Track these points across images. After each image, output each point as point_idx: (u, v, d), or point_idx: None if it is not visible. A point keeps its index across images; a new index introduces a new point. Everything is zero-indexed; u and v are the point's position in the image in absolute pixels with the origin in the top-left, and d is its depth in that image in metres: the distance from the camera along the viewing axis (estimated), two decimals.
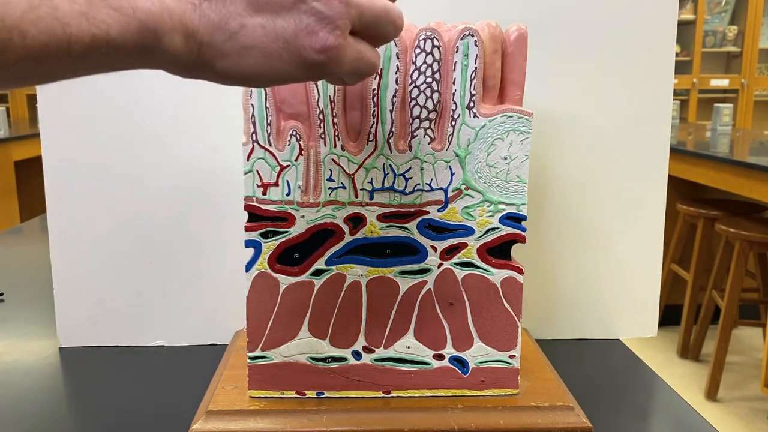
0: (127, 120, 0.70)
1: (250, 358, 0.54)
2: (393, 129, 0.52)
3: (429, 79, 0.51)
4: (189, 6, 0.34)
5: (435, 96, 0.51)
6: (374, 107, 0.51)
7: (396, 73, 0.50)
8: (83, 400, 0.64)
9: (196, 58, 0.35)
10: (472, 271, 0.54)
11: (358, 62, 0.38)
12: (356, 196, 0.53)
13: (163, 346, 0.73)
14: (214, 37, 0.35)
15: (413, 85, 0.51)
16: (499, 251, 0.54)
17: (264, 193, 0.52)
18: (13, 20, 0.29)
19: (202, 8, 0.34)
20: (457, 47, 0.50)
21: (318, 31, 0.36)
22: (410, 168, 0.52)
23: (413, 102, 0.51)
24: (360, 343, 0.55)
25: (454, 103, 0.51)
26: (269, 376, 0.55)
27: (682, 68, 4.12)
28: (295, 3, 0.35)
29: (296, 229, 0.53)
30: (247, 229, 0.52)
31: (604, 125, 0.73)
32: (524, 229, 0.54)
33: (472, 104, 0.51)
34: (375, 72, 0.41)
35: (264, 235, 0.53)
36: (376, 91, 0.51)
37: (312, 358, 0.55)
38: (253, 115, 0.51)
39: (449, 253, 0.54)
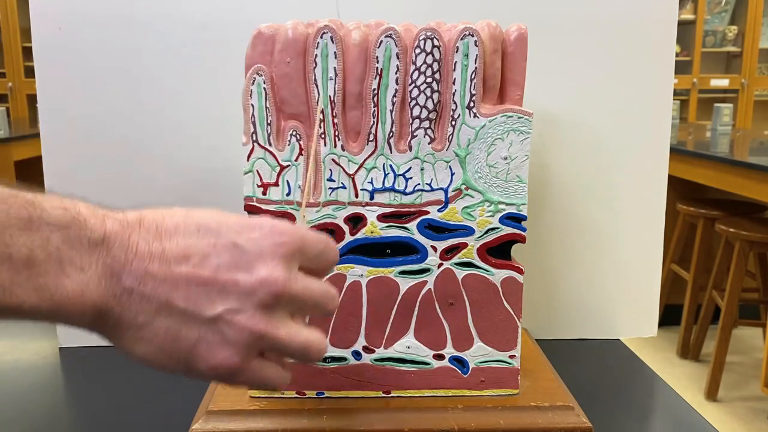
0: (127, 120, 0.70)
1: None
2: (393, 129, 0.52)
3: (429, 79, 0.51)
4: (111, 295, 0.35)
5: (435, 96, 0.51)
6: (374, 107, 0.51)
7: (396, 73, 0.50)
8: (83, 400, 0.64)
9: (99, 331, 0.37)
10: (472, 271, 0.54)
11: (258, 382, 0.39)
12: (356, 196, 0.53)
13: None
14: (119, 324, 0.36)
15: (413, 85, 0.51)
16: (499, 251, 0.54)
17: (264, 193, 0.52)
18: None
19: (121, 299, 0.36)
20: (457, 47, 0.50)
21: (217, 351, 0.37)
22: (410, 168, 0.52)
23: (413, 102, 0.51)
24: (360, 343, 0.55)
25: (454, 103, 0.51)
26: None
27: (682, 68, 4.12)
28: (209, 321, 0.36)
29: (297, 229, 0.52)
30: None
31: (604, 125, 0.73)
32: (524, 229, 0.54)
33: (472, 104, 0.51)
34: (279, 390, 0.44)
35: None
36: (376, 91, 0.51)
37: None
38: (253, 115, 0.51)
39: (449, 253, 0.54)
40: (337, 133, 0.51)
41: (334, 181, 0.52)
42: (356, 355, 0.55)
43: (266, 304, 0.37)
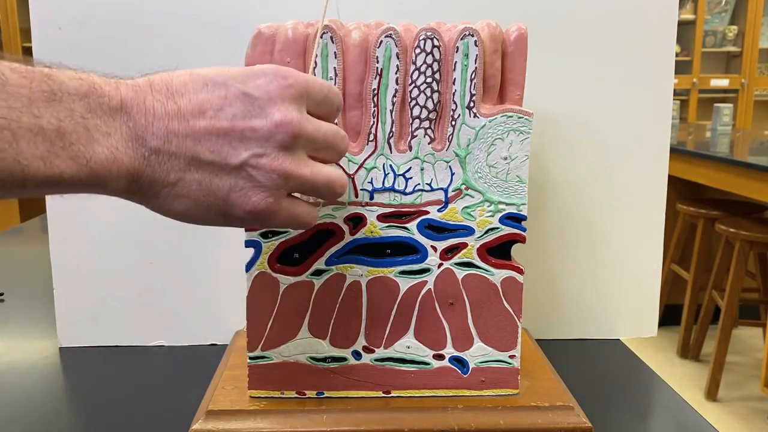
0: None
1: (250, 358, 0.54)
2: (393, 129, 0.52)
3: (429, 79, 0.51)
4: (140, 157, 0.37)
5: (435, 96, 0.51)
6: (374, 107, 0.51)
7: (396, 73, 0.50)
8: (83, 400, 0.64)
9: (135, 196, 0.39)
10: (472, 271, 0.54)
11: (289, 222, 0.41)
12: (356, 196, 0.53)
13: (163, 346, 0.73)
14: (153, 184, 0.38)
15: (413, 85, 0.51)
16: (499, 251, 0.54)
17: None
18: None
19: (150, 160, 0.37)
20: (457, 47, 0.50)
21: (251, 195, 0.39)
22: (410, 168, 0.52)
23: (413, 102, 0.51)
24: (360, 343, 0.55)
25: (454, 103, 0.51)
26: (269, 376, 0.55)
27: (682, 68, 4.12)
28: (236, 168, 0.38)
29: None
30: (247, 228, 0.52)
31: (604, 125, 0.73)
32: (524, 229, 0.54)
33: (472, 104, 0.51)
34: (308, 228, 0.45)
35: (264, 235, 0.53)
36: (376, 91, 0.51)
37: (312, 358, 0.55)
38: None
39: (449, 253, 0.54)
40: None
41: None
42: (356, 355, 0.55)
43: (286, 145, 0.39)
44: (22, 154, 0.33)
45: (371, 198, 0.53)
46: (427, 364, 0.55)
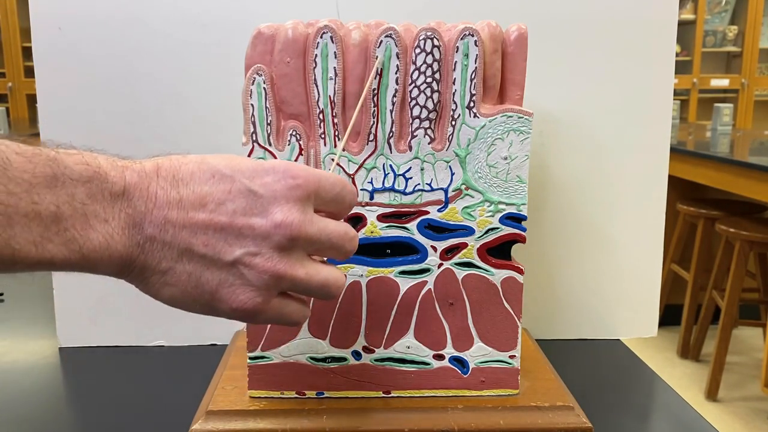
0: (126, 120, 0.70)
1: (250, 358, 0.54)
2: (393, 129, 0.52)
3: (429, 79, 0.51)
4: (134, 244, 0.37)
5: (435, 96, 0.51)
6: (374, 107, 0.51)
7: (396, 73, 0.50)
8: (83, 400, 0.64)
9: (125, 278, 0.39)
10: (472, 271, 0.54)
11: (277, 321, 0.41)
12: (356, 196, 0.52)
13: (163, 346, 0.73)
14: (144, 270, 0.38)
15: (413, 85, 0.51)
16: (499, 251, 0.54)
17: None
18: None
19: (144, 247, 0.37)
20: (457, 47, 0.50)
21: (239, 294, 0.38)
22: (410, 168, 0.52)
23: (413, 102, 0.51)
24: (360, 343, 0.55)
25: (454, 103, 0.51)
26: (269, 376, 0.55)
27: (682, 68, 4.12)
28: (228, 264, 0.38)
29: None
30: None
31: (604, 125, 0.73)
32: (524, 229, 0.54)
33: (472, 104, 0.51)
34: (298, 325, 0.45)
35: None
36: (376, 91, 0.51)
37: (312, 358, 0.55)
38: (253, 115, 0.51)
39: (449, 253, 0.54)
40: (337, 133, 0.51)
41: None
42: (356, 355, 0.55)
43: (282, 246, 0.38)
44: (15, 238, 0.33)
45: (371, 198, 0.53)
46: (427, 364, 0.55)
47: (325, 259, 0.43)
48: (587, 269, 0.75)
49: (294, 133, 0.51)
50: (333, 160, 0.51)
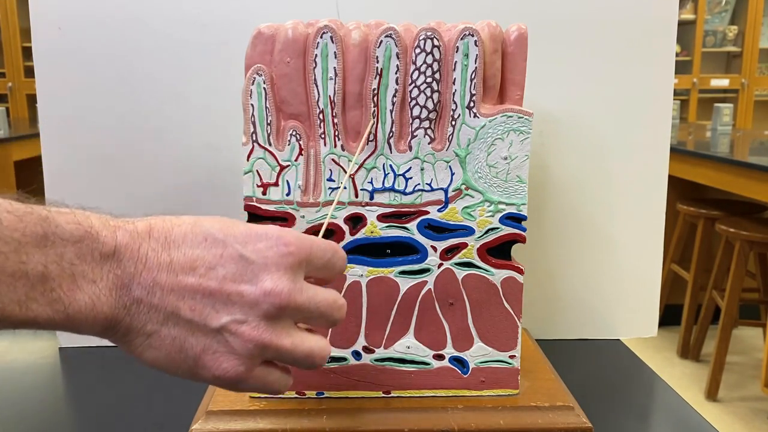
0: (126, 120, 0.70)
1: None
2: (393, 129, 0.52)
3: (429, 79, 0.51)
4: (120, 306, 0.36)
5: (435, 96, 0.51)
6: (374, 107, 0.51)
7: (396, 73, 0.50)
8: (83, 400, 0.64)
9: (109, 338, 0.38)
10: (472, 271, 0.54)
11: (260, 390, 0.41)
12: (356, 196, 0.53)
13: None
14: (129, 331, 0.37)
15: (413, 85, 0.51)
16: (499, 251, 0.54)
17: (264, 193, 0.52)
18: None
19: (130, 309, 0.37)
20: (457, 47, 0.50)
21: (222, 361, 0.38)
22: (410, 168, 0.52)
23: (413, 102, 0.51)
24: (360, 343, 0.55)
25: (454, 103, 0.51)
26: None
27: (682, 68, 4.12)
28: (214, 331, 0.37)
29: (296, 229, 0.53)
30: None
31: (604, 125, 0.73)
32: (524, 229, 0.54)
33: (472, 104, 0.51)
34: (281, 393, 0.45)
35: None
36: (376, 91, 0.51)
37: None
38: (253, 115, 0.51)
39: (449, 253, 0.54)
40: (337, 133, 0.51)
41: (333, 181, 0.52)
42: (356, 355, 0.55)
43: (270, 315, 0.38)
44: None
45: (371, 198, 0.53)
46: (427, 364, 0.55)
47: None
48: (587, 269, 0.75)
49: (294, 133, 0.51)
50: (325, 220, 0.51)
